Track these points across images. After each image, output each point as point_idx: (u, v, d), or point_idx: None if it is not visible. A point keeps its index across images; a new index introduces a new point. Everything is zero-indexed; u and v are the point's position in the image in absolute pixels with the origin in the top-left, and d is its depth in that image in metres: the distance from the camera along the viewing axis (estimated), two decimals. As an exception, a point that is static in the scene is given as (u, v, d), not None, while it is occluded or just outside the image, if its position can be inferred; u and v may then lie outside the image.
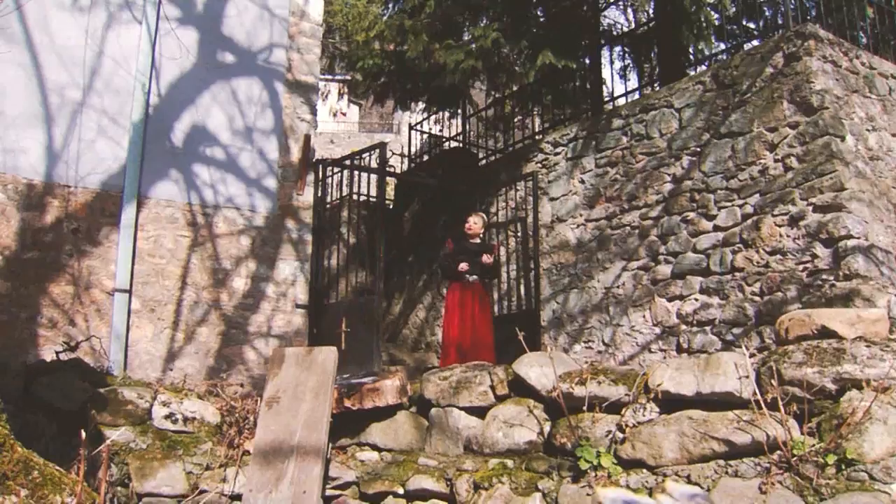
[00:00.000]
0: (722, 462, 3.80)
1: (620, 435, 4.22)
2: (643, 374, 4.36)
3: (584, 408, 4.39)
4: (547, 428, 4.70)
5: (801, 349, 3.81)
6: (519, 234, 9.28)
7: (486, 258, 7.85)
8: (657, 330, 7.54)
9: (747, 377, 3.83)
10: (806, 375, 3.67)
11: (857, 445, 3.46)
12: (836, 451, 3.49)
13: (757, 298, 6.68)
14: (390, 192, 12.94)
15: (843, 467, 3.46)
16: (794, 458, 3.54)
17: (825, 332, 3.97)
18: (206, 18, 7.66)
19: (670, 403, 4.18)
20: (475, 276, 7.76)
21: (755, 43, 8.61)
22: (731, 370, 3.91)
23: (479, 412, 5.14)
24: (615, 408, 4.40)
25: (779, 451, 3.60)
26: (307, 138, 7.94)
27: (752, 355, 4.15)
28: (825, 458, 3.49)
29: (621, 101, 9.24)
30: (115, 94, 7.08)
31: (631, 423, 4.21)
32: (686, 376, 4.07)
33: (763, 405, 3.69)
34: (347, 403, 5.40)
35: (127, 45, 7.17)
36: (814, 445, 3.58)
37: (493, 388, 5.13)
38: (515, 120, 11.17)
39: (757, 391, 3.74)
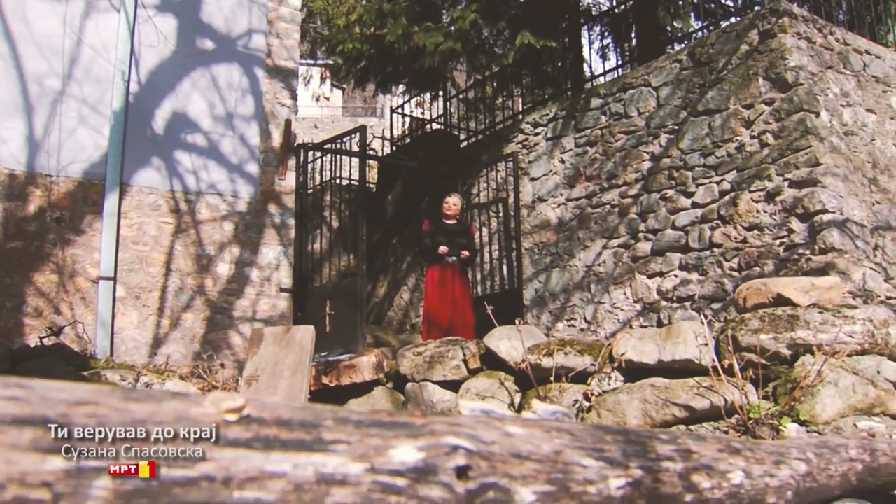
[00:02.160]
0: (683, 427, 3.89)
1: (587, 404, 4.32)
2: (608, 344, 4.46)
3: (552, 378, 4.49)
4: (517, 399, 4.80)
5: (758, 317, 3.90)
6: (500, 214, 9.35)
7: (465, 254, 7.92)
8: (638, 307, 7.63)
9: (706, 345, 3.92)
10: (761, 342, 3.76)
11: (810, 408, 3.56)
12: (791, 414, 3.59)
13: (735, 273, 6.76)
14: (374, 175, 13.00)
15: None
16: (751, 422, 3.64)
17: (781, 300, 4.07)
18: (184, 5, 7.69)
19: (634, 372, 4.28)
20: (455, 258, 7.84)
21: (733, 21, 8.66)
22: (691, 338, 4.01)
23: (453, 386, 5.24)
24: (582, 378, 4.50)
25: (736, 416, 3.70)
26: (288, 123, 8.00)
27: (710, 324, 4.24)
28: (780, 421, 3.59)
29: (602, 81, 9.28)
30: (95, 83, 7.11)
31: (597, 392, 4.31)
32: (648, 345, 4.17)
33: (721, 371, 3.79)
34: (325, 380, 5.50)
35: (105, 34, 7.20)
36: (769, 409, 3.68)
37: (465, 362, 5.23)
38: (497, 101, 11.21)
39: (715, 358, 3.83)
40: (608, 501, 0.96)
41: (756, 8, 7.72)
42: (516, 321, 4.74)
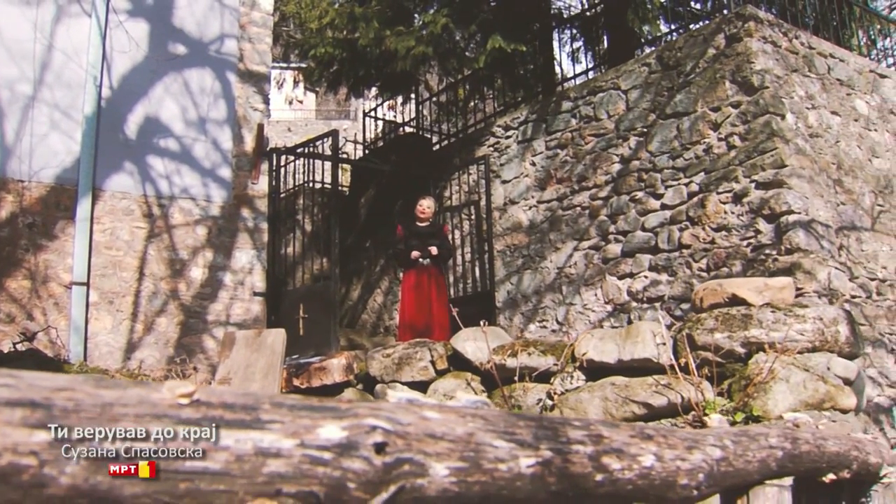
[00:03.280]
0: (642, 424, 3.99)
1: (550, 402, 4.42)
2: (570, 344, 4.56)
3: (517, 378, 4.58)
4: (484, 399, 4.87)
5: (713, 316, 4.02)
6: (472, 217, 9.44)
7: (433, 250, 7.97)
8: (609, 308, 7.72)
9: (664, 344, 4.03)
10: (716, 340, 3.87)
11: (763, 403, 3.67)
12: (744, 410, 3.70)
13: (704, 274, 6.85)
14: (347, 178, 13.04)
15: (751, 424, 3.66)
16: (706, 417, 3.74)
17: (735, 300, 4.19)
18: (156, 10, 7.70)
19: (596, 371, 4.39)
20: (428, 259, 7.91)
21: (700, 25, 8.78)
22: (650, 338, 4.12)
23: (421, 387, 5.32)
24: (545, 377, 4.60)
25: (693, 412, 3.80)
26: (260, 127, 8.03)
27: (670, 324, 4.35)
28: (734, 417, 3.70)
29: (573, 84, 9.38)
30: (67, 88, 7.10)
31: (559, 391, 4.41)
32: (608, 345, 4.27)
33: (678, 370, 3.90)
34: (296, 382, 5.56)
35: (77, 39, 7.18)
36: (724, 405, 3.79)
37: (433, 363, 5.32)
38: (469, 104, 11.30)
39: (672, 357, 3.94)
40: (518, 478, 1.06)
41: (724, 12, 7.85)
42: (482, 323, 4.83)
